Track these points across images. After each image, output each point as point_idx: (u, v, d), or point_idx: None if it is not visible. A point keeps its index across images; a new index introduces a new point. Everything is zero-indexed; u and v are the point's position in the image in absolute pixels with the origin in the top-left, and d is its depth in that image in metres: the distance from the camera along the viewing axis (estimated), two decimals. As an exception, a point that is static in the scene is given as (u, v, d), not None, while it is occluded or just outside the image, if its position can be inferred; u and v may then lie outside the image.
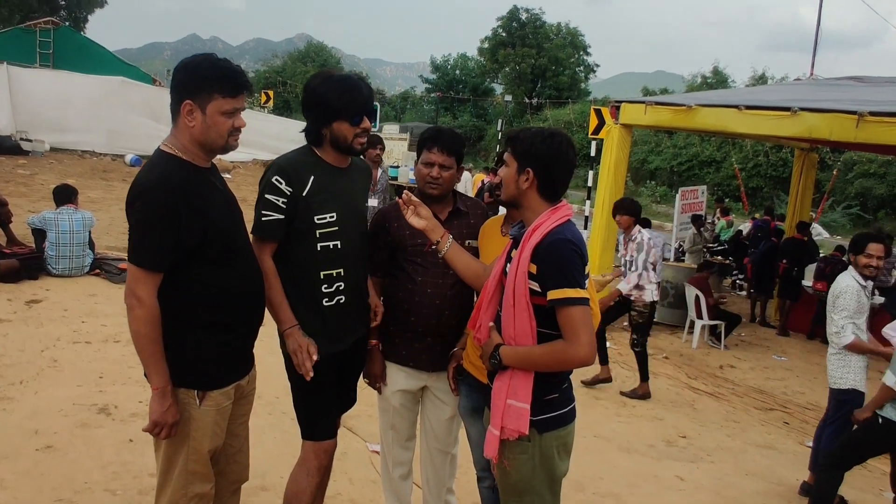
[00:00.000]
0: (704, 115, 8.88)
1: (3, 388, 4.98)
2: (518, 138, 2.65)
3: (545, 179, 2.58)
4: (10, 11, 45.88)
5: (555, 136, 2.61)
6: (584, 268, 2.50)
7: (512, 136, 2.70)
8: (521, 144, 2.62)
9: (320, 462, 3.13)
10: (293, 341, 2.93)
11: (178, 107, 2.56)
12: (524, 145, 2.61)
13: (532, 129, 2.67)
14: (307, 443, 3.14)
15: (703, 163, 33.00)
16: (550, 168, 2.58)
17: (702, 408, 7.02)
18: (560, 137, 2.62)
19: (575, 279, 2.43)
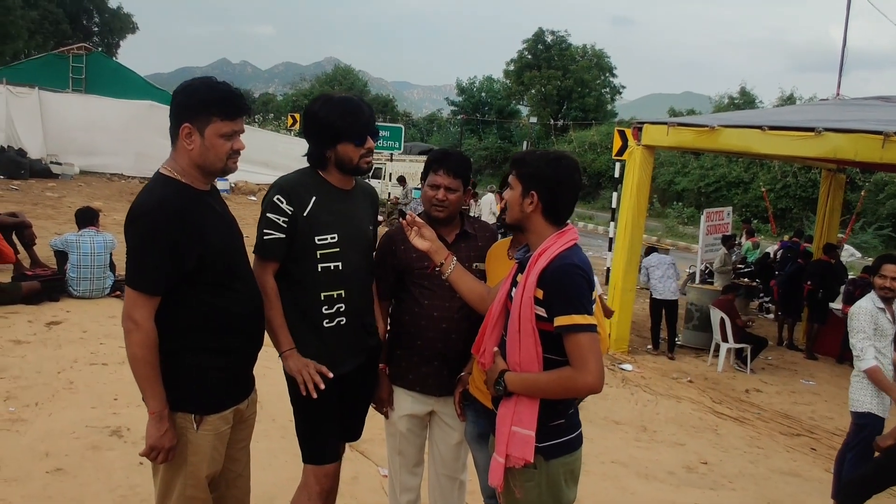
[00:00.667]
0: (728, 135, 8.78)
1: (18, 410, 4.98)
2: (523, 161, 2.61)
3: (550, 203, 2.53)
4: (44, 38, 46.95)
5: (561, 160, 2.56)
6: (591, 293, 2.44)
7: (517, 159, 2.65)
8: (526, 167, 2.57)
9: (322, 487, 3.08)
10: (294, 362, 2.91)
11: (177, 130, 2.55)
12: (529, 168, 2.56)
13: (538, 152, 2.63)
14: (308, 466, 3.10)
15: (730, 184, 32.68)
16: (556, 191, 2.52)
17: (725, 433, 6.87)
18: (566, 160, 2.57)
19: (582, 305, 2.37)
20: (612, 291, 9.71)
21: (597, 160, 39.35)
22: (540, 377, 2.44)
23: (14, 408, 5.02)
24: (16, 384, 5.43)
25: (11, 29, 43.10)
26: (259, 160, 21.89)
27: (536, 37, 53.03)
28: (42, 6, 47.86)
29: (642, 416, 6.98)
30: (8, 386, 5.38)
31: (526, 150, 2.76)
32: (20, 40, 44.35)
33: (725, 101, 42.11)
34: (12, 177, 17.77)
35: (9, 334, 6.56)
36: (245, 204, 18.46)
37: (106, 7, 53.88)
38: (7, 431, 4.65)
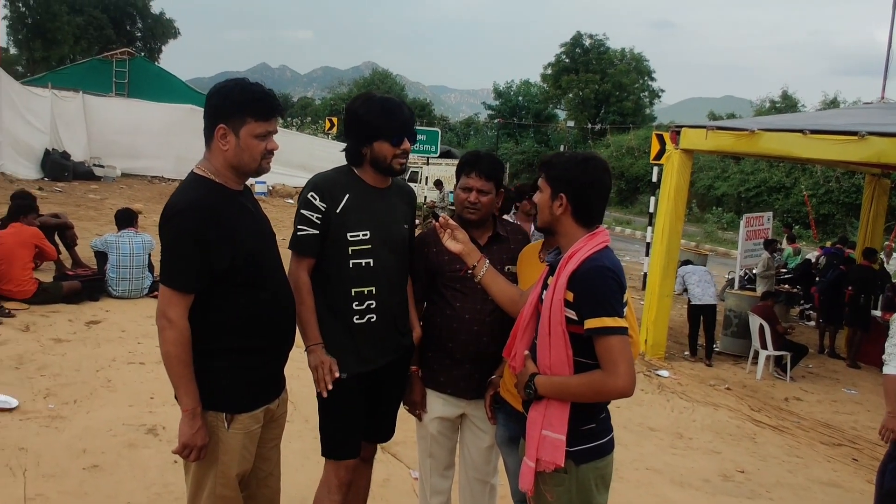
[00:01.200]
0: (768, 139, 8.63)
1: (57, 407, 5.07)
2: (551, 163, 2.59)
3: (580, 205, 2.51)
4: (89, 43, 47.91)
5: (589, 161, 2.54)
6: (622, 295, 2.41)
7: (545, 161, 2.63)
8: (554, 169, 2.56)
9: (340, 480, 3.09)
10: (314, 358, 2.94)
11: (212, 131, 2.57)
12: (557, 170, 2.54)
13: (566, 154, 2.61)
14: (328, 462, 3.12)
15: (771, 189, 32.18)
16: (585, 193, 2.50)
17: (763, 441, 6.75)
18: (594, 161, 2.55)
19: (613, 307, 2.34)
20: (649, 297, 9.60)
21: (634, 164, 39.05)
22: (570, 380, 2.41)
23: (53, 405, 5.11)
24: (56, 382, 5.53)
25: (58, 35, 44.14)
26: (297, 163, 22.10)
27: (574, 40, 52.82)
28: (87, 12, 48.89)
29: (678, 423, 6.88)
30: (48, 383, 5.48)
31: (553, 152, 2.73)
32: (66, 45, 45.40)
33: (767, 104, 41.56)
34: (56, 179, 18.15)
35: (50, 332, 6.68)
36: (282, 207, 18.65)
37: (149, 13, 54.84)
38: (46, 428, 4.73)
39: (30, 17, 44.19)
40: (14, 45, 47.87)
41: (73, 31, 46.28)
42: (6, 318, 6.80)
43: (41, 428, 4.72)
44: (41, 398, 5.20)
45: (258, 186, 20.86)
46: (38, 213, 8.25)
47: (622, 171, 40.03)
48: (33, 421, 4.81)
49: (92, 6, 49.70)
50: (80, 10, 48.41)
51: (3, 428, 4.65)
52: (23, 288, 7.31)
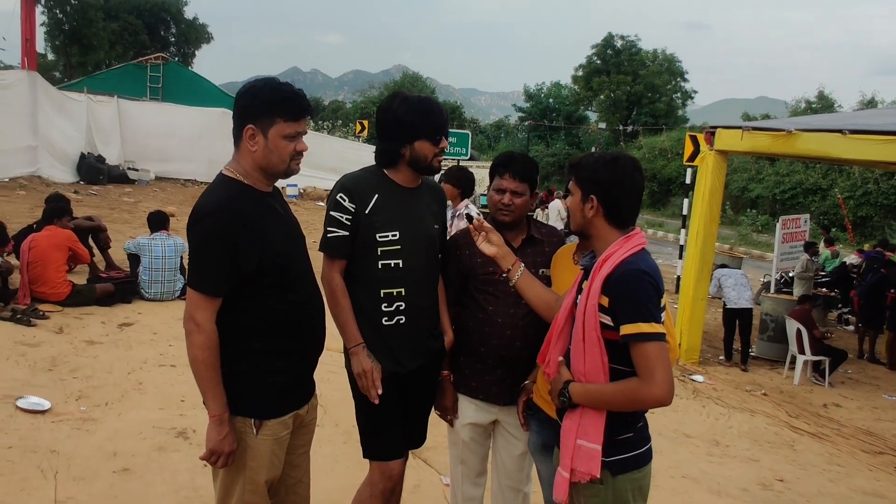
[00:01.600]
0: (805, 140, 8.44)
1: (89, 410, 5.09)
2: (580, 165, 2.53)
3: (611, 206, 2.44)
4: (124, 48, 48.58)
5: (618, 160, 2.47)
6: (659, 300, 2.33)
7: (574, 164, 2.57)
8: (583, 171, 2.50)
9: (385, 486, 3.05)
10: (357, 363, 2.90)
11: (241, 131, 2.54)
12: (586, 172, 2.49)
13: (595, 155, 2.55)
14: (374, 463, 3.08)
15: (807, 191, 31.62)
16: (615, 194, 2.44)
17: (802, 449, 6.59)
18: (624, 161, 2.48)
19: (650, 312, 2.26)
20: (683, 300, 9.46)
21: (667, 166, 38.65)
22: (605, 388, 2.34)
23: (85, 407, 5.12)
24: (88, 384, 5.55)
25: (94, 40, 44.82)
26: (328, 166, 22.17)
27: (606, 42, 52.48)
28: (122, 18, 49.56)
29: (714, 430, 6.74)
30: (80, 385, 5.50)
31: (583, 154, 2.65)
32: (101, 51, 46.07)
33: (802, 105, 40.93)
34: (92, 182, 18.37)
35: (83, 335, 6.73)
36: (313, 209, 18.69)
37: (182, 18, 55.47)
38: (78, 430, 4.74)
39: (67, 24, 44.91)
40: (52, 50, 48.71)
41: (109, 37, 46.93)
42: (40, 320, 6.86)
43: (73, 430, 4.73)
44: (73, 400, 5.22)
45: (290, 189, 20.95)
46: (72, 216, 8.32)
47: (654, 172, 39.65)
48: (65, 423, 4.83)
49: (127, 12, 50.37)
50: (116, 17, 49.08)
51: (36, 430, 4.67)
52: (57, 290, 7.37)
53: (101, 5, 46.47)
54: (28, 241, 7.45)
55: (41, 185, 16.09)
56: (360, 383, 2.90)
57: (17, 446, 4.38)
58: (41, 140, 17.29)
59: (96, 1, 46.20)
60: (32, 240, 7.45)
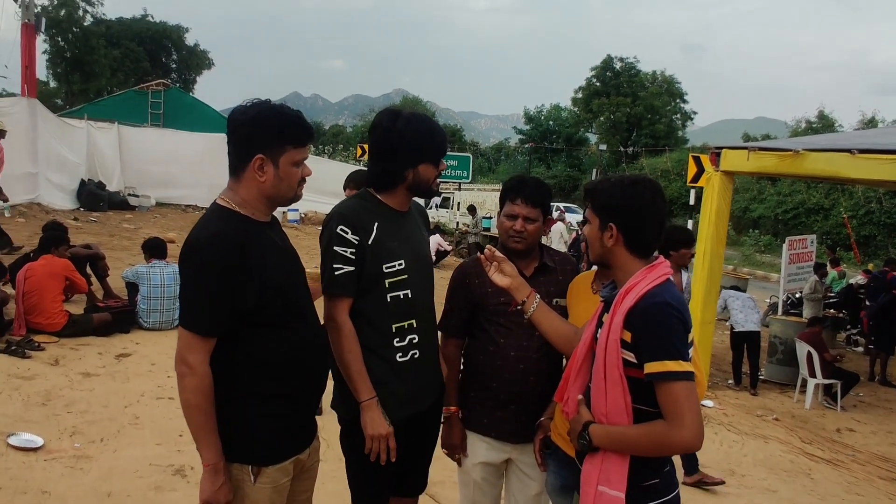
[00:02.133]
0: (814, 160, 8.32)
1: (83, 446, 4.91)
2: (597, 191, 2.36)
3: (632, 234, 2.28)
4: (126, 76, 48.83)
5: (638, 184, 2.30)
6: (686, 335, 2.17)
7: (590, 189, 2.40)
8: (600, 197, 2.33)
9: None
10: (373, 423, 2.67)
11: (247, 161, 2.38)
12: (604, 198, 2.32)
13: (612, 179, 2.37)
14: None
15: (809, 210, 31.56)
16: (636, 221, 2.27)
17: (819, 478, 6.40)
18: (644, 184, 2.31)
19: (676, 349, 2.10)
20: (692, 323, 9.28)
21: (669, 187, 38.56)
22: (628, 431, 2.17)
23: (80, 443, 4.95)
24: (82, 419, 5.37)
25: (96, 67, 45.05)
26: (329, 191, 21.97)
27: (605, 64, 52.65)
28: (124, 45, 49.88)
29: (728, 459, 6.56)
30: (75, 421, 5.32)
31: (598, 178, 2.47)
32: (103, 78, 46.30)
33: (803, 125, 40.96)
34: (92, 209, 18.24)
35: (79, 367, 6.55)
36: (314, 234, 18.54)
37: (183, 45, 55.82)
38: (72, 469, 4.57)
39: (69, 51, 45.13)
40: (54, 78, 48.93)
41: (111, 64, 47.18)
42: (36, 352, 6.69)
43: (66, 469, 4.55)
44: (67, 436, 5.04)
45: (290, 214, 20.80)
46: (68, 245, 8.17)
47: (657, 193, 39.55)
48: (58, 461, 4.65)
49: (128, 39, 50.70)
50: (118, 44, 49.38)
51: (27, 469, 4.49)
52: (53, 320, 7.21)
53: (102, 32, 46.77)
54: (24, 271, 7.30)
55: (41, 213, 15.96)
56: (371, 445, 2.67)
57: (6, 487, 4.20)
58: (41, 167, 17.19)
59: (98, 28, 46.51)
60: (28, 269, 7.31)
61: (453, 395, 3.10)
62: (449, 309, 3.13)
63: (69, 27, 44.49)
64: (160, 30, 53.90)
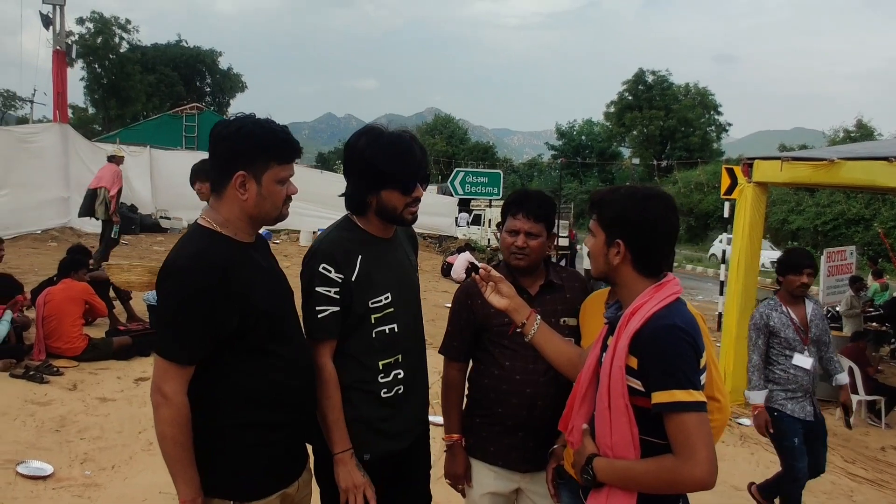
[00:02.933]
0: (849, 169, 8.01)
1: (94, 475, 4.81)
2: (604, 202, 2.15)
3: (641, 252, 2.08)
4: (161, 100, 49.73)
5: (650, 199, 2.09)
6: (698, 361, 1.96)
7: (596, 200, 2.19)
8: (608, 210, 2.13)
9: None
10: (346, 476, 2.49)
11: (228, 178, 2.23)
12: (612, 211, 2.11)
13: (621, 190, 2.16)
14: None
15: (849, 221, 30.88)
16: (646, 238, 2.07)
17: (861, 500, 6.09)
18: (657, 199, 2.10)
19: (687, 377, 1.90)
20: (726, 339, 9.02)
21: (704, 200, 38.17)
22: (635, 466, 1.97)
23: (90, 471, 4.85)
24: (95, 445, 5.28)
25: (131, 93, 45.97)
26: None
27: (637, 77, 52.45)
28: (159, 70, 50.84)
29: (754, 476, 6.24)
30: (87, 447, 5.23)
31: (606, 188, 2.24)
32: (139, 103, 47.24)
33: (841, 134, 40.27)
34: (124, 232, 18.35)
35: (97, 391, 6.48)
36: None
37: (217, 69, 56.72)
38: (79, 498, 4.46)
39: (105, 78, 46.11)
40: (91, 104, 50.00)
41: (146, 89, 48.12)
42: (54, 377, 6.64)
43: (73, 498, 4.45)
44: (78, 464, 4.94)
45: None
46: (88, 269, 8.14)
47: (691, 207, 39.15)
48: (67, 490, 4.55)
49: (163, 64, 51.66)
50: (153, 69, 50.34)
51: (34, 498, 4.40)
52: (73, 345, 7.17)
53: (138, 59, 47.75)
54: (43, 296, 7.28)
55: (73, 237, 16.13)
56: (346, 498, 2.49)
57: (10, 518, 4.12)
58: (73, 191, 17.41)
59: (133, 55, 47.47)
60: (48, 293, 7.28)
61: (456, 421, 2.93)
62: (451, 331, 2.96)
63: (105, 54, 45.50)
64: (194, 54, 54.83)
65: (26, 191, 15.99)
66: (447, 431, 2.96)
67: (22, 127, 21.60)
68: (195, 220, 2.33)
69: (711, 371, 2.40)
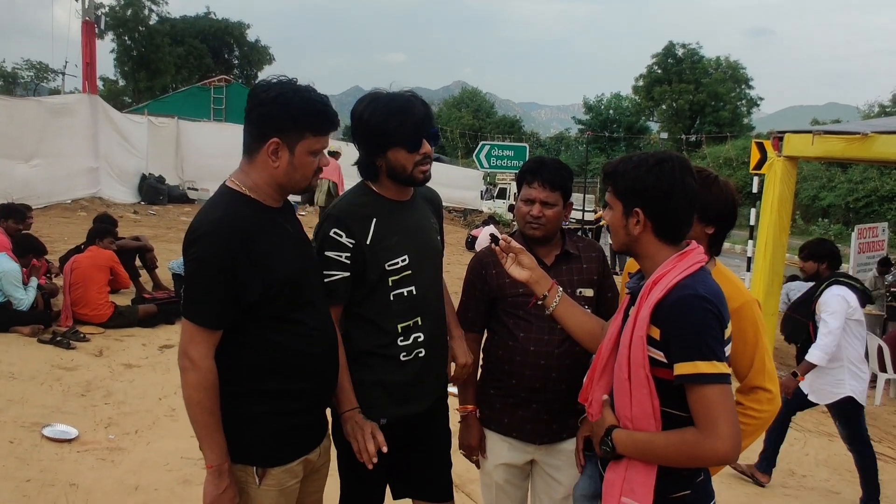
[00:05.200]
0: (883, 142, 7.80)
1: (117, 438, 4.87)
2: (617, 172, 2.07)
3: (661, 219, 2.01)
4: (189, 72, 49.84)
5: (664, 163, 2.01)
6: (723, 332, 1.90)
7: (609, 171, 2.11)
8: (623, 180, 2.05)
9: None
10: (352, 424, 2.48)
11: (261, 143, 2.21)
12: (627, 180, 2.04)
13: (634, 158, 2.08)
14: None
15: (882, 198, 30.29)
16: (665, 204, 2.00)
17: (888, 479, 5.98)
18: (672, 162, 2.02)
19: (710, 348, 1.84)
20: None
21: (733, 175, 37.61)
22: (655, 439, 1.93)
23: (114, 435, 4.91)
24: (119, 410, 5.35)
25: (161, 65, 46.07)
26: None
27: (667, 51, 51.64)
28: (188, 42, 50.89)
29: (789, 458, 6.19)
30: (112, 412, 5.30)
31: (618, 158, 2.15)
32: (168, 75, 47.33)
33: (875, 109, 39.42)
34: (152, 202, 18.59)
35: (122, 357, 6.56)
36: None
37: (245, 41, 56.62)
38: (103, 461, 4.52)
39: (135, 50, 46.22)
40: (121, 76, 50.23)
41: (175, 62, 48.17)
42: (81, 343, 6.73)
43: (97, 461, 4.51)
44: (102, 428, 5.01)
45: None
46: (115, 237, 8.21)
47: (719, 182, 38.68)
48: (91, 453, 4.61)
49: (192, 37, 51.68)
50: (181, 41, 50.38)
51: (59, 461, 4.46)
52: (99, 312, 7.25)
53: (167, 31, 47.77)
54: (70, 263, 7.36)
55: (102, 206, 16.26)
56: (354, 445, 2.48)
57: (35, 479, 4.17)
58: (102, 162, 17.57)
59: (163, 27, 47.51)
60: (74, 261, 7.36)
61: (471, 392, 2.91)
62: (465, 302, 2.92)
63: (135, 26, 45.54)
64: (222, 27, 54.75)
65: (57, 161, 16.11)
66: (461, 402, 2.95)
67: (52, 98, 21.74)
68: (223, 182, 2.30)
69: (765, 360, 2.38)
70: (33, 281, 7.06)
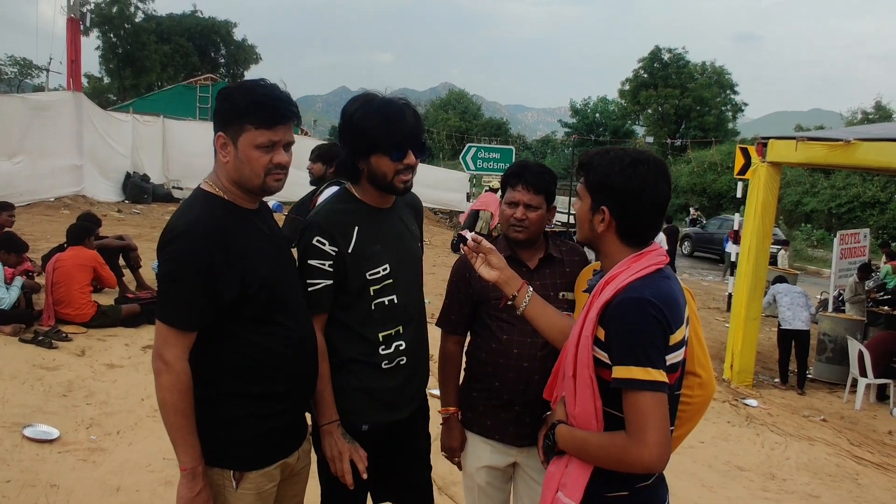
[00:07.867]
0: (865, 150, 7.89)
1: (99, 439, 4.84)
2: (591, 165, 2.04)
3: (626, 221, 1.99)
4: (175, 71, 49.54)
5: (639, 164, 1.97)
6: (667, 338, 1.86)
7: (584, 162, 2.07)
8: (594, 174, 2.02)
9: None
10: (331, 444, 2.48)
11: (214, 140, 2.22)
12: (599, 175, 2.00)
13: (610, 153, 2.04)
14: None
15: (864, 204, 30.53)
16: (633, 207, 1.97)
17: (867, 483, 6.05)
18: (646, 164, 1.98)
19: (647, 354, 1.81)
20: (735, 319, 9.00)
21: (717, 180, 37.87)
22: (590, 438, 1.93)
23: (96, 436, 4.88)
24: (101, 410, 5.31)
25: (146, 63, 45.79)
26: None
27: (653, 55, 51.88)
28: (174, 41, 50.60)
29: (770, 461, 6.24)
30: (93, 413, 5.26)
31: (596, 149, 2.12)
32: (154, 73, 47.05)
33: (858, 116, 39.78)
34: (136, 201, 18.47)
35: (104, 357, 6.51)
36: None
37: (232, 40, 56.37)
38: (84, 462, 4.49)
39: (120, 47, 45.91)
40: (106, 73, 49.89)
41: (161, 60, 47.89)
42: (63, 342, 6.67)
43: (78, 462, 4.48)
44: (84, 429, 4.98)
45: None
46: (97, 236, 8.15)
47: (704, 187, 38.90)
48: (72, 454, 4.58)
49: (178, 35, 51.40)
50: (168, 39, 50.09)
51: (40, 461, 4.43)
52: (81, 311, 7.19)
53: (153, 28, 47.46)
54: (53, 262, 7.30)
55: (85, 205, 16.14)
56: (333, 467, 2.49)
57: (15, 480, 4.14)
58: (86, 159, 17.42)
59: (148, 24, 47.21)
60: (57, 260, 7.30)
61: (453, 394, 2.92)
62: (449, 304, 2.92)
63: (121, 23, 45.22)
64: (209, 25, 54.49)
65: (40, 158, 15.97)
66: (443, 404, 2.95)
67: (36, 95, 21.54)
68: (198, 185, 2.29)
69: (694, 346, 2.30)
70: (18, 280, 7.01)
